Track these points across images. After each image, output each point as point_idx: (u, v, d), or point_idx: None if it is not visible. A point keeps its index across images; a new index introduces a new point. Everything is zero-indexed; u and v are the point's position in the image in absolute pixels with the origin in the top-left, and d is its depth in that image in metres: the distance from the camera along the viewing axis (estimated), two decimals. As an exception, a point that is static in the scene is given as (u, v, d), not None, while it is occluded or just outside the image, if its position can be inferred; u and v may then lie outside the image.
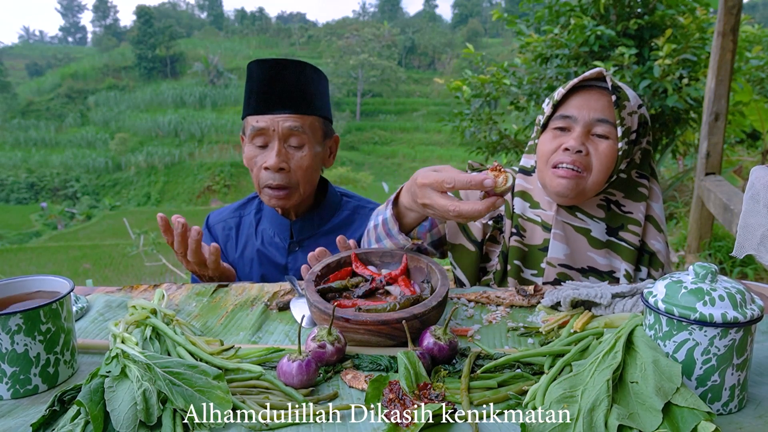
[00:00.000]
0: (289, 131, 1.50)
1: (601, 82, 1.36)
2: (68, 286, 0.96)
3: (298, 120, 1.51)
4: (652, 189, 1.43)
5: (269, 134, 1.51)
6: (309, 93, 1.53)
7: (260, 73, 1.51)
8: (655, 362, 0.76)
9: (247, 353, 0.96)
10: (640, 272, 1.42)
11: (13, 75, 52.51)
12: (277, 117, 1.49)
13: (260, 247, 1.66)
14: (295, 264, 1.63)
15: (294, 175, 1.53)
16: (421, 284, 1.16)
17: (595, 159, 1.32)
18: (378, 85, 44.03)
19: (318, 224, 1.66)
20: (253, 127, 1.51)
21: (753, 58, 5.72)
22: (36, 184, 31.21)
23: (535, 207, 1.44)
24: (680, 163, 7.62)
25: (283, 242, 1.65)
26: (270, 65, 1.51)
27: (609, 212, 1.41)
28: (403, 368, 0.84)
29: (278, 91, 1.49)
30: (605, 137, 1.32)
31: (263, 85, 1.50)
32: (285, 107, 1.50)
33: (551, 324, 1.06)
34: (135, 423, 0.75)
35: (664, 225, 1.44)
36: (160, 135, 36.72)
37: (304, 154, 1.53)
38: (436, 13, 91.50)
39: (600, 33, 5.13)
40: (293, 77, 1.51)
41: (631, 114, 1.32)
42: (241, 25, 75.41)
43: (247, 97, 1.54)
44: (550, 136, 1.37)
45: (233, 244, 1.71)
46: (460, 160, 31.40)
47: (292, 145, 1.52)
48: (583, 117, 1.32)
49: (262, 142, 1.52)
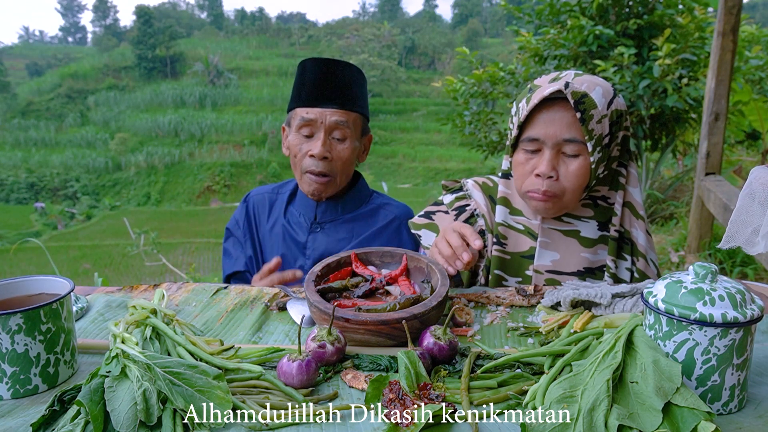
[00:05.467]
0: (335, 125, 1.62)
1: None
2: (68, 286, 0.96)
3: (344, 115, 1.63)
4: (630, 173, 1.39)
5: (317, 125, 1.62)
6: (354, 92, 1.66)
7: (314, 69, 1.64)
8: (655, 362, 0.76)
9: (247, 353, 0.96)
10: (626, 261, 1.40)
11: (13, 75, 52.50)
12: (325, 111, 1.62)
13: (285, 225, 1.78)
14: (314, 244, 1.73)
15: (335, 165, 1.65)
16: (421, 284, 1.16)
17: (567, 181, 1.29)
18: (378, 85, 44.02)
19: (341, 210, 1.75)
20: (303, 117, 1.62)
21: (753, 58, 5.72)
22: (36, 184, 31.20)
23: (517, 214, 1.43)
24: (680, 163, 7.62)
25: (307, 222, 1.76)
26: (323, 63, 1.64)
27: (597, 208, 1.39)
28: (403, 368, 0.84)
29: (329, 88, 1.62)
30: (576, 155, 1.28)
31: (316, 81, 1.62)
32: (333, 102, 1.62)
33: (551, 324, 1.06)
34: (135, 423, 0.75)
35: (643, 210, 1.40)
36: (160, 135, 36.71)
37: (345, 146, 1.65)
38: (436, 13, 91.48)
39: (599, 33, 5.14)
40: (342, 76, 1.64)
41: (600, 120, 1.26)
42: (241, 25, 75.40)
43: (298, 91, 1.66)
44: (522, 158, 1.33)
45: (265, 218, 1.83)
46: (459, 160, 31.39)
47: (335, 137, 1.64)
48: (550, 138, 1.28)
49: (308, 132, 1.64)
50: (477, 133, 6.35)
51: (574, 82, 1.26)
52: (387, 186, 19.82)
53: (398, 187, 26.58)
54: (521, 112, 1.31)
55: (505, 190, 1.44)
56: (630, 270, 1.39)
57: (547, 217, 1.38)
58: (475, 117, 6.33)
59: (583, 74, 1.30)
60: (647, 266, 1.39)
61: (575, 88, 1.24)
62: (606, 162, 1.33)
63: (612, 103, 1.29)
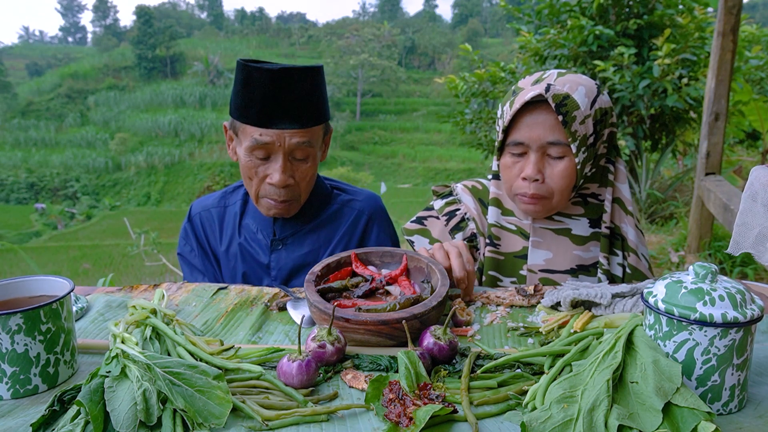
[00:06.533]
0: (296, 147, 1.39)
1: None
2: (68, 286, 0.96)
3: (306, 134, 1.39)
4: (618, 169, 1.40)
5: (274, 148, 1.38)
6: (315, 101, 1.40)
7: (264, 83, 1.34)
8: (655, 362, 0.76)
9: (247, 353, 0.96)
10: (617, 257, 1.40)
11: (13, 75, 52.51)
12: (284, 132, 1.36)
13: (243, 243, 1.57)
14: (278, 263, 1.54)
15: (297, 188, 1.45)
16: (421, 284, 1.16)
17: (554, 183, 1.30)
18: (378, 85, 44.02)
19: (302, 221, 1.56)
20: (256, 140, 1.37)
21: (753, 58, 5.73)
22: (36, 184, 31.21)
23: (509, 215, 1.43)
24: (680, 163, 7.62)
25: (266, 239, 1.55)
26: (276, 76, 1.34)
27: (587, 206, 1.40)
28: (403, 368, 0.84)
29: (286, 104, 1.35)
30: (561, 157, 1.29)
31: (267, 97, 1.34)
32: (293, 121, 1.36)
33: (551, 324, 1.07)
34: (135, 423, 0.75)
35: (632, 206, 1.41)
36: (160, 135, 36.71)
37: (308, 165, 1.44)
38: (436, 13, 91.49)
39: (599, 33, 5.14)
40: (300, 87, 1.36)
41: (584, 120, 1.26)
42: (241, 25, 75.42)
43: (244, 103, 1.37)
44: (509, 161, 1.34)
45: (217, 237, 1.61)
46: (459, 160, 31.39)
47: (296, 157, 1.42)
48: (534, 142, 1.28)
49: (263, 155, 1.40)
50: (477, 132, 6.35)
51: (556, 83, 1.26)
52: (385, 186, 19.79)
53: (398, 187, 26.58)
54: (506, 116, 1.31)
55: (497, 191, 1.44)
56: (622, 265, 1.39)
57: (537, 218, 1.39)
58: (475, 116, 6.33)
59: (566, 73, 1.30)
60: (638, 261, 1.39)
61: (557, 90, 1.24)
62: (593, 160, 1.33)
63: (595, 102, 1.29)
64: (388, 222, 1.65)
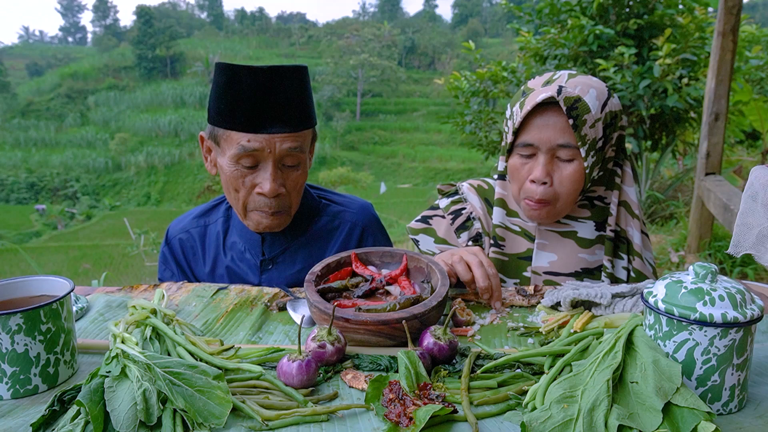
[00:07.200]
0: (287, 152, 1.30)
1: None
2: (68, 286, 0.96)
3: (298, 139, 1.31)
4: (625, 172, 1.39)
5: (263, 155, 1.29)
6: (304, 101, 1.33)
7: (251, 84, 1.26)
8: (655, 362, 0.76)
9: (247, 353, 0.96)
10: (622, 261, 1.39)
11: (13, 75, 52.50)
12: (274, 137, 1.28)
13: (230, 264, 1.47)
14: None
15: (288, 198, 1.36)
16: (421, 284, 1.16)
17: (562, 186, 1.29)
18: (378, 85, 44.04)
19: (291, 236, 1.47)
20: (243, 147, 1.27)
21: (753, 58, 5.73)
22: (36, 184, 31.22)
23: (514, 216, 1.43)
24: (680, 163, 7.62)
25: (255, 259, 1.46)
26: (264, 74, 1.26)
27: (594, 208, 1.39)
28: (403, 368, 0.84)
29: (275, 106, 1.27)
30: (570, 160, 1.28)
31: (255, 99, 1.26)
32: (284, 124, 1.28)
33: (551, 324, 1.07)
34: (135, 423, 0.75)
35: (639, 209, 1.40)
36: (160, 135, 36.73)
37: (299, 173, 1.36)
38: (436, 13, 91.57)
39: (599, 32, 5.14)
40: (289, 87, 1.29)
41: (594, 124, 1.25)
42: (241, 25, 75.45)
43: (229, 108, 1.28)
44: (517, 162, 1.33)
45: (199, 259, 1.51)
46: (460, 160, 31.39)
47: (287, 164, 1.33)
48: (544, 144, 1.27)
49: (250, 163, 1.30)
50: (478, 132, 6.35)
51: (567, 85, 1.25)
52: (384, 186, 19.78)
53: (398, 187, 26.59)
54: (515, 117, 1.30)
55: (502, 192, 1.43)
56: (627, 269, 1.39)
57: (542, 223, 1.39)
58: (476, 116, 6.33)
59: (578, 75, 1.29)
60: (643, 265, 1.39)
61: (568, 92, 1.23)
62: (601, 164, 1.33)
63: (606, 105, 1.28)
64: (383, 231, 1.61)
